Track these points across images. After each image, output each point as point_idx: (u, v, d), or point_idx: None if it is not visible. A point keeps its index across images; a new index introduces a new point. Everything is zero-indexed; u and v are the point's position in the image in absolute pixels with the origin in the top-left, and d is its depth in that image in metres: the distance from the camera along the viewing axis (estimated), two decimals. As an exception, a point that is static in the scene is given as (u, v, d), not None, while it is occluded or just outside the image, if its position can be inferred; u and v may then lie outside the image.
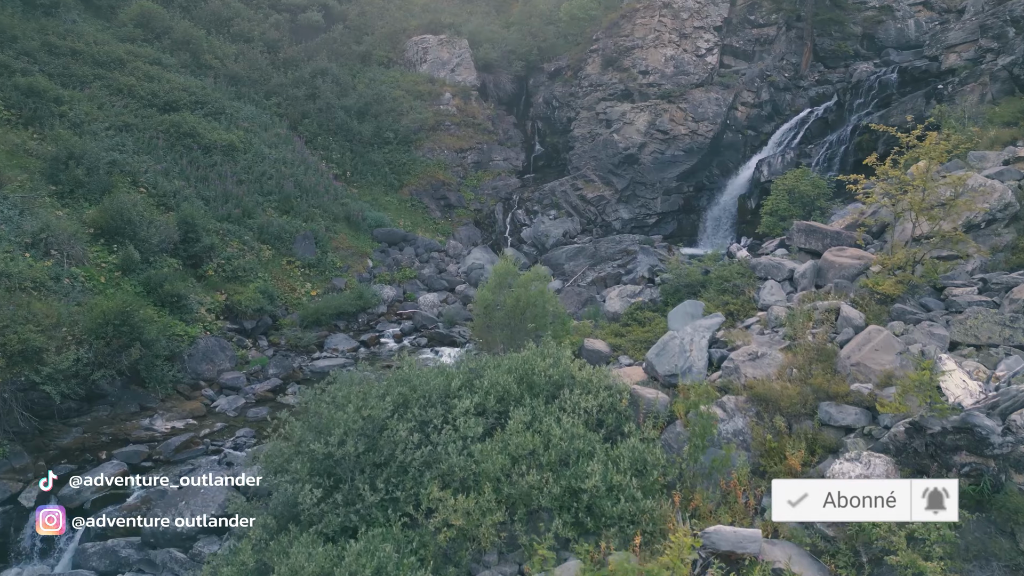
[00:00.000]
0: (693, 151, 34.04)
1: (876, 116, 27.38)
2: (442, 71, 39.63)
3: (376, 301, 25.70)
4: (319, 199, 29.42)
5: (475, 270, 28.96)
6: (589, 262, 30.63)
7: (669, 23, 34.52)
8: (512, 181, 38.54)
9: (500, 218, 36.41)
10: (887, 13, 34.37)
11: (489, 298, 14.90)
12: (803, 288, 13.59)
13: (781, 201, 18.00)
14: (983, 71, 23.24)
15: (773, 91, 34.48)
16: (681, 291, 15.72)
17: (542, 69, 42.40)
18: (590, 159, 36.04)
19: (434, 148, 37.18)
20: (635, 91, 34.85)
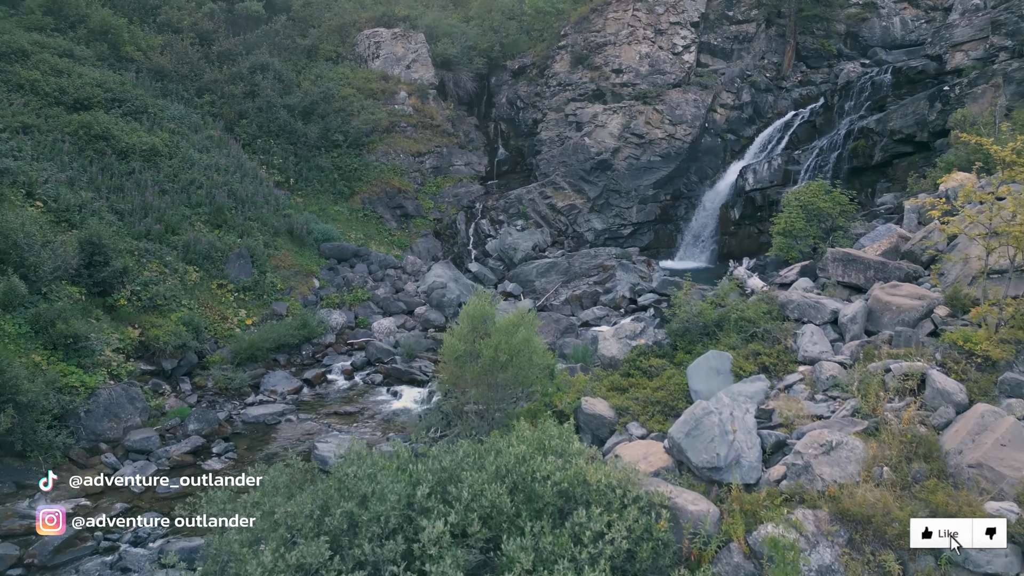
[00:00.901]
0: (670, 156, 31.54)
1: (872, 120, 25.25)
2: (397, 68, 36.36)
3: (323, 329, 22.37)
4: (257, 211, 25.90)
5: (436, 290, 25.84)
6: (562, 278, 27.82)
7: (643, 18, 31.96)
8: (475, 188, 35.51)
9: (462, 229, 33.36)
10: (871, 10, 32.46)
11: (460, 348, 11.86)
12: (853, 336, 10.92)
13: (796, 220, 15.41)
14: (995, 71, 21.18)
15: (754, 92, 32.23)
16: (692, 332, 12.94)
17: (505, 67, 39.48)
18: (559, 165, 33.24)
19: (389, 152, 33.90)
20: (607, 91, 32.19)
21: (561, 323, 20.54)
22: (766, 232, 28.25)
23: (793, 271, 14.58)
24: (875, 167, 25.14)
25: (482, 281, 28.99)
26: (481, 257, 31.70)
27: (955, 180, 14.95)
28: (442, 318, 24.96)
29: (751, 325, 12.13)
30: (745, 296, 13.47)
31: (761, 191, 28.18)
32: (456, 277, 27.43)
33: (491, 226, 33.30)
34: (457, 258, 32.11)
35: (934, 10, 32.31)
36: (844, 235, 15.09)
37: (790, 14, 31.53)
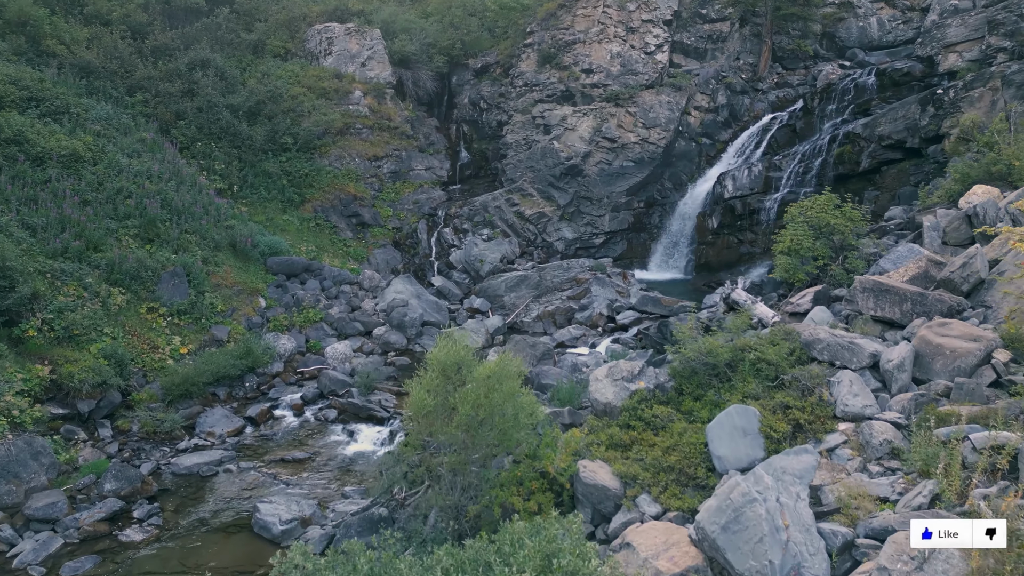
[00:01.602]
0: (644, 161, 29.88)
1: (859, 124, 23.93)
2: (351, 65, 33.92)
3: (269, 357, 19.98)
4: (195, 222, 23.28)
5: (397, 308, 23.61)
6: (533, 293, 25.85)
7: (614, 15, 30.22)
8: (436, 194, 33.31)
9: (424, 238, 31.14)
10: (848, 10, 31.35)
11: (429, 403, 9.77)
12: (901, 387, 9.18)
13: (803, 238, 13.72)
14: (993, 74, 19.96)
15: (730, 94, 30.79)
16: (699, 374, 11.09)
17: (467, 65, 37.36)
18: (527, 170, 31.29)
19: (343, 156, 31.46)
20: (577, 92, 30.36)
21: (538, 348, 18.56)
22: (746, 242, 26.79)
23: (805, 298, 12.87)
24: (862, 174, 23.83)
25: (446, 296, 26.85)
26: (445, 269, 29.55)
27: (977, 195, 13.46)
28: (403, 339, 22.78)
29: (771, 368, 10.32)
30: (752, 326, 11.67)
31: (741, 199, 26.70)
32: (418, 293, 25.25)
33: (455, 235, 31.17)
34: (419, 270, 29.89)
35: (911, 10, 31.36)
36: (857, 255, 13.45)
37: (766, 13, 30.17)
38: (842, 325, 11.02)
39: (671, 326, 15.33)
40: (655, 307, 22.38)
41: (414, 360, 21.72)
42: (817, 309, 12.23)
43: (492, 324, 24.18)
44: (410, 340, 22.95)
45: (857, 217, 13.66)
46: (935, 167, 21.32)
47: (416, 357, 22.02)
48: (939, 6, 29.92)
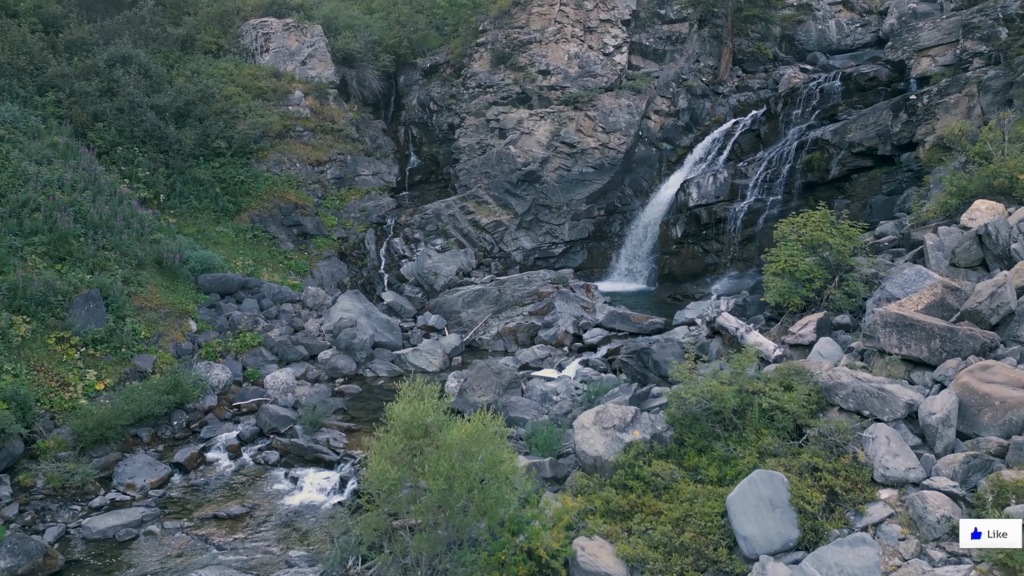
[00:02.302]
0: (604, 168, 28.59)
1: (828, 131, 23.13)
2: (290, 63, 31.63)
3: (201, 390, 17.78)
4: (115, 237, 20.83)
5: (345, 328, 21.62)
6: (492, 308, 24.22)
7: (571, 14, 28.84)
8: (385, 201, 31.35)
9: (372, 249, 29.17)
10: (807, 12, 30.76)
11: (392, 476, 8.02)
12: (947, 444, 7.93)
13: (799, 259, 12.49)
14: (969, 79, 19.30)
15: (691, 98, 29.80)
16: (702, 420, 9.67)
17: (415, 65, 35.46)
18: (481, 176, 29.63)
19: (282, 160, 29.20)
20: (534, 95, 28.87)
21: (503, 375, 16.91)
22: (712, 252, 25.76)
23: (808, 327, 11.60)
24: (831, 182, 23.04)
25: (398, 313, 24.97)
26: (396, 282, 27.65)
27: (981, 211, 12.48)
28: (352, 364, 20.82)
29: (788, 417, 8.95)
30: (749, 355, 10.31)
31: (706, 207, 25.65)
32: (368, 311, 23.28)
33: (406, 245, 29.28)
34: (368, 284, 27.90)
35: (869, 13, 31.00)
36: (858, 278, 12.28)
37: (726, 14, 29.27)
38: (860, 364, 9.77)
39: (653, 354, 13.93)
40: (624, 324, 21.05)
41: (365, 387, 19.83)
42: (823, 342, 10.98)
43: (449, 343, 22.45)
44: (360, 364, 21.01)
45: (855, 235, 12.51)
46: (909, 176, 20.61)
47: (367, 384, 20.14)
48: (897, 9, 29.61)
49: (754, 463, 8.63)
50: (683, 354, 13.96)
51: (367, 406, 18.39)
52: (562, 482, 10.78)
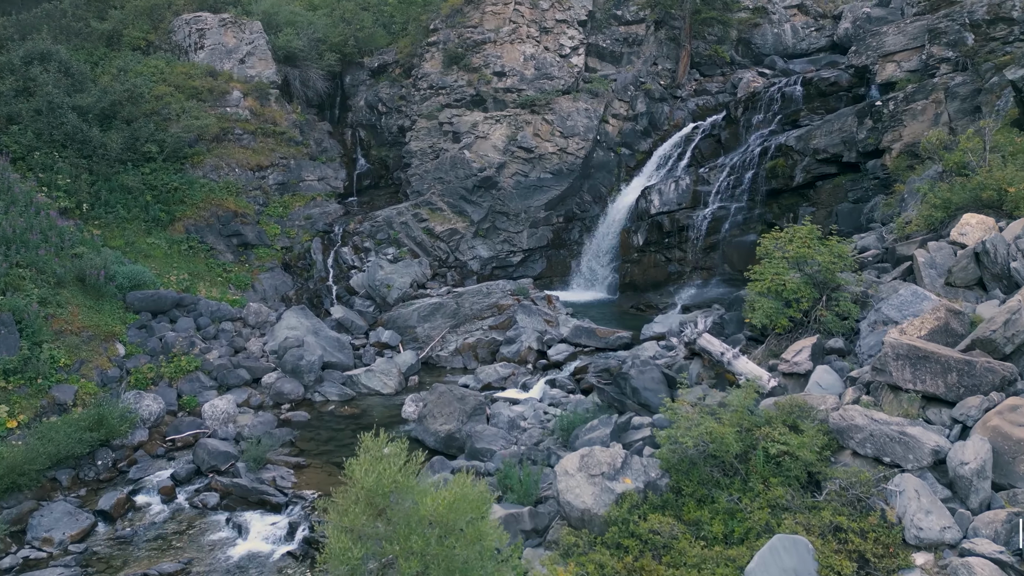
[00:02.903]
0: (563, 173, 27.63)
1: (792, 137, 22.66)
2: (227, 62, 29.66)
3: (129, 425, 16.01)
4: (31, 253, 18.78)
5: (291, 349, 20.02)
6: (450, 322, 22.95)
7: (527, 13, 27.78)
8: (332, 207, 29.72)
9: (319, 259, 27.51)
10: (763, 15, 30.45)
11: (354, 557, 6.72)
12: (983, 499, 7.13)
13: (786, 278, 11.67)
14: (936, 86, 19.01)
15: (649, 101, 29.12)
16: (700, 466, 8.70)
17: (362, 64, 33.86)
18: (435, 181, 28.30)
19: (220, 166, 27.29)
20: (489, 97, 27.69)
21: (467, 401, 15.67)
22: (675, 260, 25.07)
23: (802, 355, 10.77)
24: (795, 189, 22.58)
25: (349, 329, 23.45)
26: (345, 295, 26.08)
27: (971, 226, 11.91)
28: (299, 388, 19.26)
29: (798, 464, 8.03)
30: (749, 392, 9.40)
31: (668, 214, 24.95)
32: (316, 328, 21.72)
33: (355, 255, 27.72)
34: (314, 297, 26.25)
35: (823, 17, 30.91)
36: (849, 298, 11.53)
37: (685, 16, 28.68)
38: (867, 398, 8.94)
39: (632, 380, 12.93)
40: (590, 339, 20.08)
41: (314, 414, 18.31)
42: (821, 371, 10.15)
43: (404, 361, 21.10)
44: (308, 388, 19.46)
45: (844, 252, 11.77)
46: (876, 183, 20.26)
47: (316, 410, 18.62)
48: (851, 14, 29.58)
49: (766, 519, 7.67)
50: (663, 380, 13.04)
51: (317, 436, 16.91)
52: (542, 534, 9.66)
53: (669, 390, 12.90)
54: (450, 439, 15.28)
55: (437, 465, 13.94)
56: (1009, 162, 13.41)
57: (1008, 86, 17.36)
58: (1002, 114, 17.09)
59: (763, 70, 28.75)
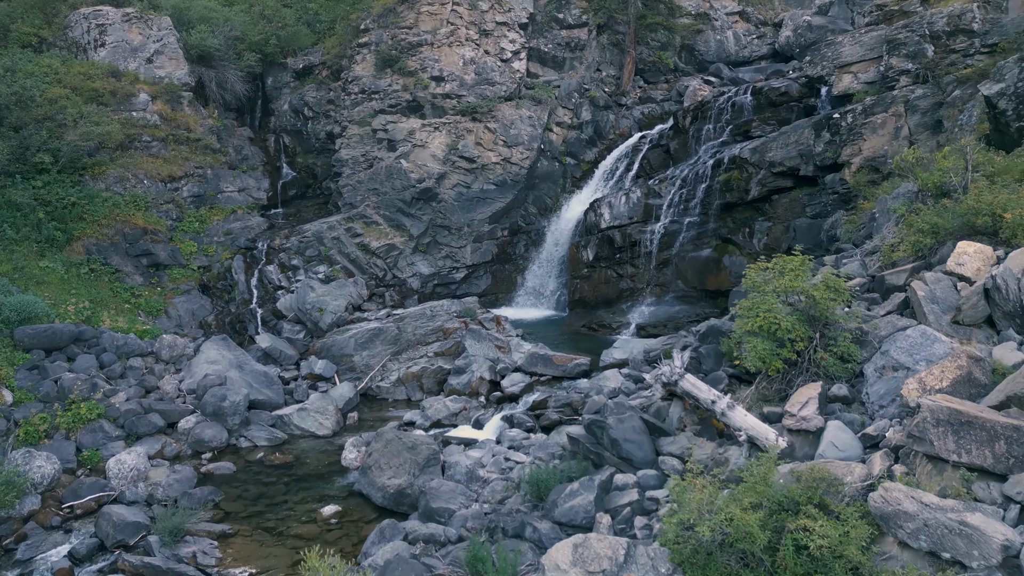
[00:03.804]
0: (507, 184, 26.15)
1: (747, 149, 21.89)
2: (133, 61, 26.78)
3: (16, 492, 13.51)
4: None
5: (212, 387, 17.72)
6: (391, 349, 21.10)
7: (465, 15, 26.15)
8: (255, 221, 27.34)
9: (241, 279, 25.13)
10: (705, 22, 29.83)
11: None
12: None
13: (783, 317, 10.53)
14: (896, 98, 18.50)
15: (594, 109, 27.99)
16: (717, 558, 7.33)
17: (285, 65, 31.45)
18: (369, 192, 26.31)
19: (126, 177, 24.52)
20: (427, 103, 25.91)
21: (419, 451, 13.90)
22: (626, 276, 23.98)
23: (808, 408, 9.59)
24: (751, 203, 21.82)
25: (278, 360, 21.25)
26: (272, 319, 23.79)
27: (968, 255, 11.07)
28: (223, 433, 17.01)
29: (841, 562, 6.76)
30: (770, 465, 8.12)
31: (619, 229, 23.82)
32: (240, 361, 19.48)
33: (282, 274, 25.45)
34: (237, 323, 23.86)
35: (764, 25, 30.57)
36: (848, 338, 10.47)
37: (629, 21, 27.67)
38: (901, 470, 7.81)
39: (611, 430, 11.53)
40: (546, 367, 18.65)
41: (240, 464, 16.14)
42: (834, 428, 9.00)
43: (341, 395, 19.14)
44: (233, 432, 17.24)
45: (842, 287, 10.72)
46: (834, 198, 19.65)
47: (243, 459, 16.45)
48: (792, 22, 29.30)
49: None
50: (645, 430, 11.71)
51: (245, 494, 14.79)
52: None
53: (652, 439, 11.58)
54: (401, 495, 13.51)
55: (387, 530, 12.17)
56: (994, 183, 12.72)
57: (971, 99, 16.95)
58: (967, 129, 16.64)
59: (708, 78, 28.10)
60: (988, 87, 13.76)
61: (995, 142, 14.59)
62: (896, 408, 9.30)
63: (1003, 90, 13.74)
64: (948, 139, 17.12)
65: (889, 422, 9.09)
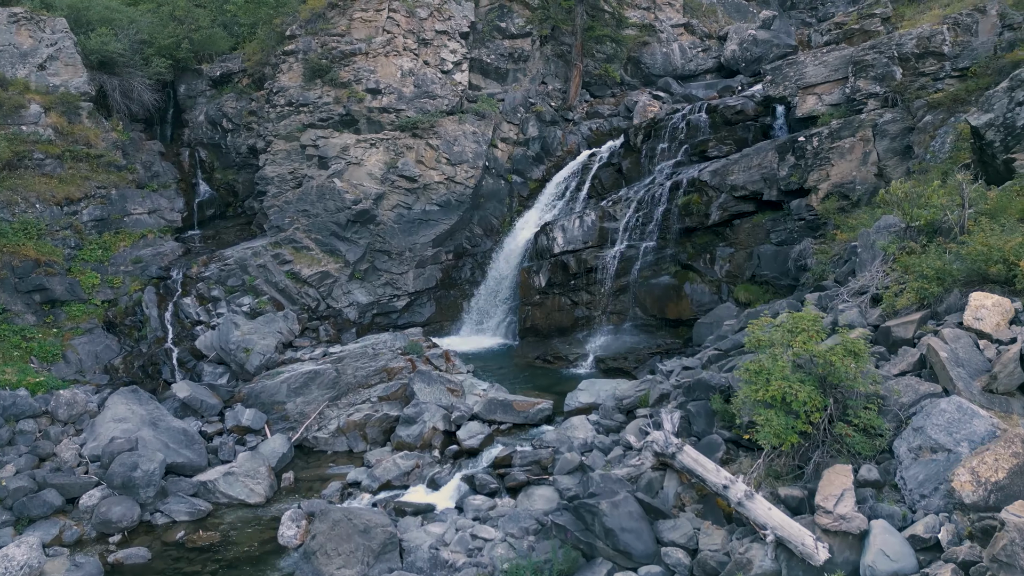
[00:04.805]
0: (452, 205, 24.36)
1: (707, 171, 20.89)
2: (22, 68, 23.53)
3: None
4: None
5: (120, 453, 15.19)
6: (329, 394, 18.98)
7: (403, 22, 24.19)
8: (168, 246, 24.59)
9: (153, 314, 22.41)
10: (651, 33, 28.87)
11: None
12: None
13: (799, 387, 9.26)
14: (863, 122, 17.77)
15: (540, 125, 26.53)
16: None
17: (199, 72, 28.61)
18: (298, 214, 23.99)
19: (14, 201, 21.44)
20: (362, 117, 23.82)
21: (373, 535, 11.96)
22: (582, 304, 22.65)
23: (845, 503, 8.26)
24: (711, 228, 20.81)
25: (199, 411, 18.76)
26: (190, 360, 21.21)
27: (987, 308, 10.11)
28: (134, 509, 14.57)
29: None
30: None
31: (574, 254, 22.42)
32: (153, 417, 16.97)
33: (201, 307, 22.86)
34: (150, 365, 21.15)
35: (709, 38, 29.87)
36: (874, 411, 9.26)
37: (576, 32, 26.33)
38: None
39: (604, 517, 9.96)
40: (506, 414, 17.00)
41: (157, 548, 13.78)
42: (881, 531, 7.72)
43: (273, 451, 16.97)
44: (146, 506, 14.81)
45: (863, 351, 9.51)
46: (801, 225, 18.81)
47: (159, 539, 14.09)
48: (737, 36, 28.72)
49: None
50: (643, 515, 10.20)
51: (164, 591, 12.50)
52: None
53: (651, 525, 10.09)
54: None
55: (342, 642, 10.24)
56: (995, 222, 11.86)
57: (943, 125, 16.35)
58: (940, 157, 16.02)
59: (658, 93, 27.10)
60: (976, 117, 12.99)
61: (979, 173, 13.88)
62: (941, 499, 8.14)
63: (991, 120, 13.00)
64: (921, 166, 16.49)
65: (937, 519, 7.90)
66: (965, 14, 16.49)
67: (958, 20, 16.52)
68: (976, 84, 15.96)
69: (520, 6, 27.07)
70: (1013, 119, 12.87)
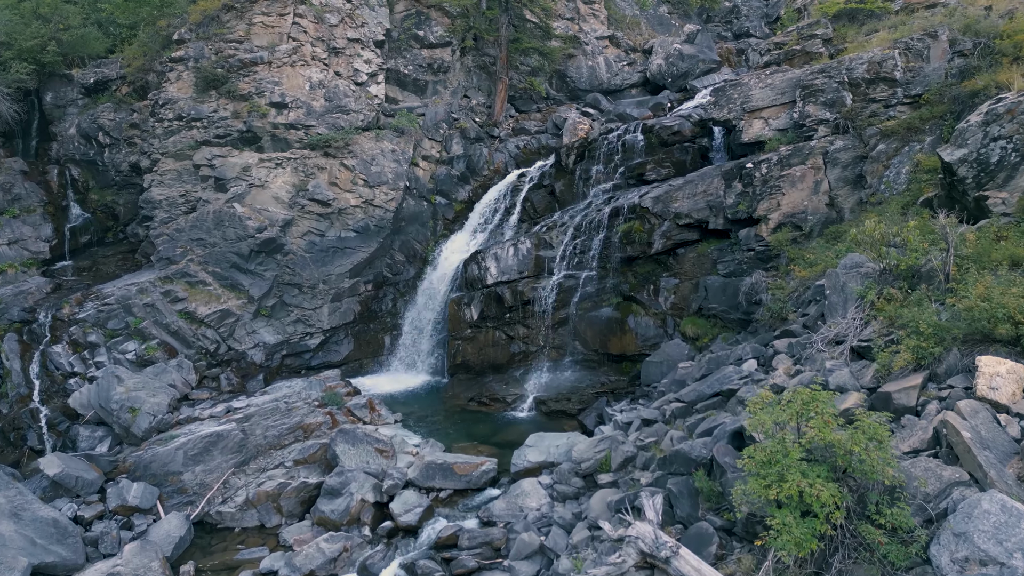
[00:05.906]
0: (370, 231, 22.06)
1: (648, 197, 19.67)
2: None
3: None
4: None
5: (-32, 562, 12.15)
6: (235, 459, 16.37)
7: (311, 29, 21.66)
8: (34, 283, 21.11)
9: (15, 367, 19.04)
10: (576, 45, 27.54)
11: None
12: None
13: (820, 485, 7.88)
14: (814, 150, 16.94)
15: (465, 142, 24.62)
16: None
17: (69, 78, 24.93)
18: (193, 243, 21.03)
19: None
20: (266, 134, 21.14)
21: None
22: (518, 339, 21.01)
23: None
24: (654, 257, 19.59)
25: (73, 490, 15.68)
26: (62, 421, 17.98)
27: (1002, 376, 9.11)
28: (-11, 636, 11.60)
29: None
30: None
31: (509, 285, 20.68)
32: (15, 506, 13.93)
33: (75, 355, 19.58)
34: (11, 431, 17.78)
35: (634, 51, 28.88)
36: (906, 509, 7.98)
37: (501, 44, 24.58)
38: None
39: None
40: (447, 479, 15.03)
41: None
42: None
43: (168, 536, 14.33)
44: (5, 630, 11.87)
45: (884, 437, 8.24)
46: (751, 256, 17.82)
47: (22, 676, 11.19)
48: (662, 50, 27.88)
49: None
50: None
51: None
52: None
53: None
54: None
55: None
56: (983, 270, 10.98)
57: (896, 154, 15.70)
58: (896, 188, 15.35)
59: (587, 109, 25.76)
60: (948, 153, 12.20)
61: (944, 208, 13.13)
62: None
63: (964, 156, 12.24)
64: (875, 197, 15.79)
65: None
66: (916, 39, 15.97)
67: (909, 45, 15.97)
68: (930, 112, 15.42)
69: (439, 14, 25.05)
70: (987, 155, 12.14)
